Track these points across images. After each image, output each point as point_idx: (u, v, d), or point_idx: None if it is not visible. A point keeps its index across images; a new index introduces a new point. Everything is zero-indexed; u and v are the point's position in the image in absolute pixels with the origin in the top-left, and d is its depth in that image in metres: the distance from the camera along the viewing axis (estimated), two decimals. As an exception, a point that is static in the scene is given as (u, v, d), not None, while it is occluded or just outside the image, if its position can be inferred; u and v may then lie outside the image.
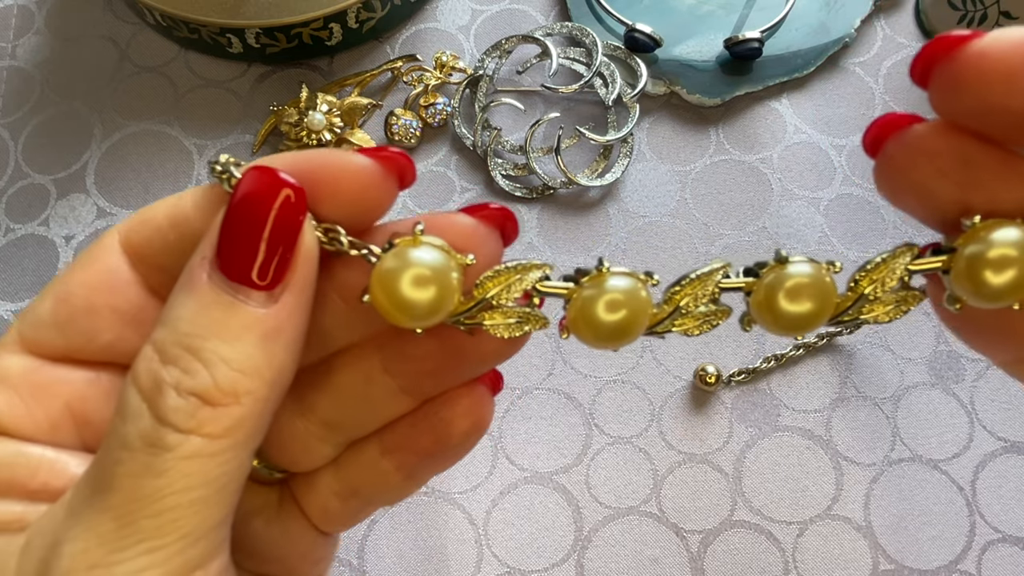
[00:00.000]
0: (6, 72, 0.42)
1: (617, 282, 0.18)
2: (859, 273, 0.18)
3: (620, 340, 0.18)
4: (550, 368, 0.35)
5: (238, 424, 0.16)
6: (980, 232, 0.17)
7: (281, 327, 0.17)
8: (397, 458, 0.20)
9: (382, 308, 0.17)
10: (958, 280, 0.17)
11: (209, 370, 0.16)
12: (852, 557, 0.32)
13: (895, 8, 0.41)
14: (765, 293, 0.18)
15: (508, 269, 0.18)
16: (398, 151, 0.18)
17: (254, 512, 0.21)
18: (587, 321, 0.18)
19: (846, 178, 0.38)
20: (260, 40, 0.39)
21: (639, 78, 0.39)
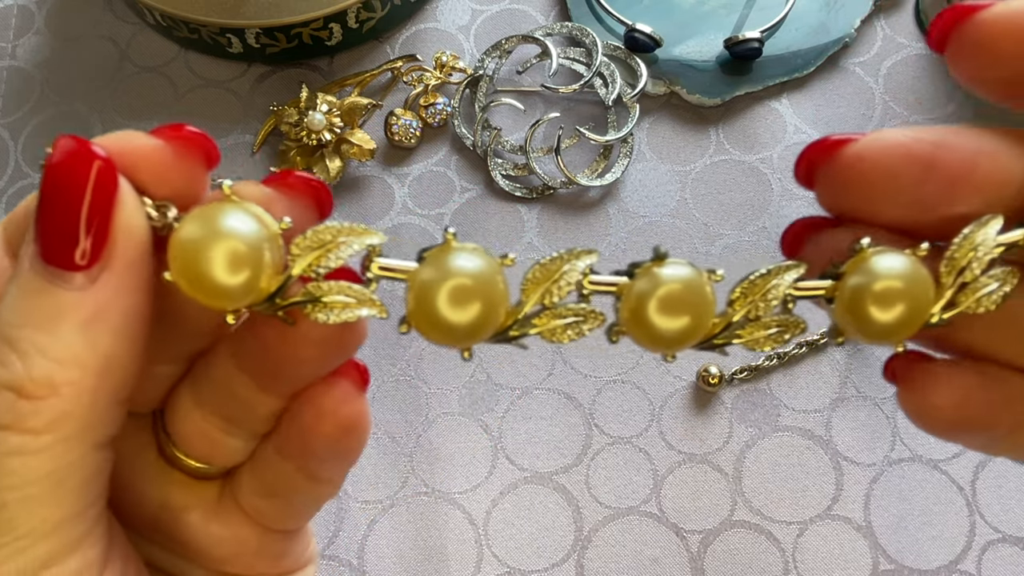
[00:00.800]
0: (6, 72, 0.42)
1: (465, 263, 0.15)
2: (737, 290, 0.16)
3: (471, 340, 0.15)
4: (550, 368, 0.35)
5: (62, 417, 0.15)
6: (866, 260, 0.15)
7: (102, 310, 0.15)
8: (292, 460, 0.19)
9: (181, 287, 0.15)
10: (841, 312, 0.16)
11: (23, 361, 0.15)
12: (852, 557, 0.32)
13: (895, 8, 0.41)
14: (636, 300, 0.15)
15: (334, 230, 0.15)
16: (198, 132, 0.17)
17: (187, 507, 0.20)
18: (428, 316, 0.15)
19: (846, 178, 0.38)
20: (260, 40, 0.39)
21: (639, 78, 0.39)
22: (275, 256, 0.15)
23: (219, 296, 0.15)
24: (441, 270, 0.15)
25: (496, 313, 0.15)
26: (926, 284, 0.15)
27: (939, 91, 0.39)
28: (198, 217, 0.15)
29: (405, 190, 0.38)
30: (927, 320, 0.16)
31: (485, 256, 0.15)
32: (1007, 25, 0.15)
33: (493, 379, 0.35)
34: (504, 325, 0.16)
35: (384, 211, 0.38)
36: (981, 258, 0.15)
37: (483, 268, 0.15)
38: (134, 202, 0.16)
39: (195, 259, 0.15)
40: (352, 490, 0.34)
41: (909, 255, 0.16)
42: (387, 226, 0.38)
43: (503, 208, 0.38)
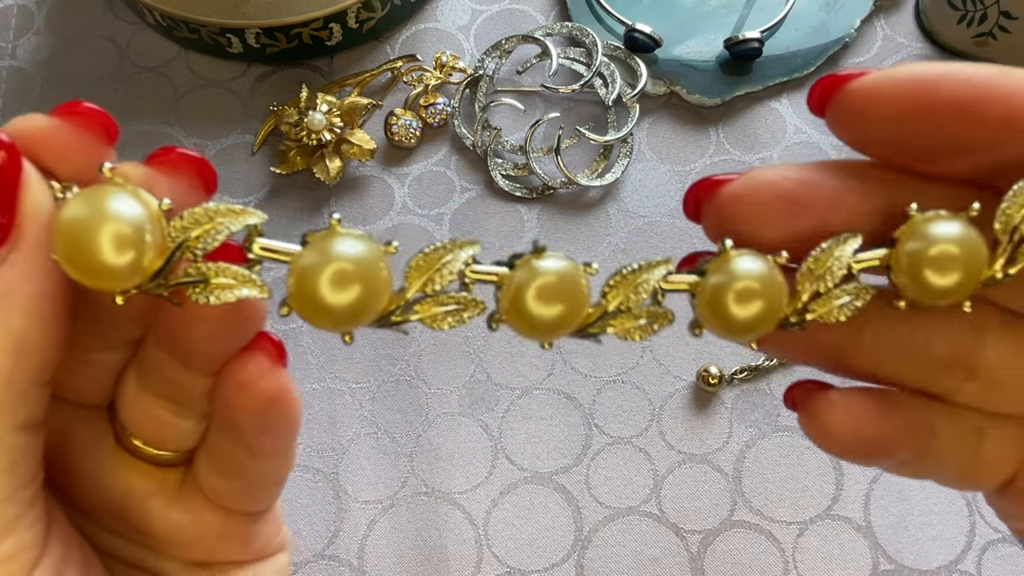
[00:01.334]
0: (6, 72, 0.42)
1: (348, 248, 0.15)
2: (610, 281, 0.17)
3: (351, 323, 0.15)
4: (550, 368, 0.35)
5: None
6: (728, 260, 0.16)
7: (12, 291, 0.15)
8: (228, 436, 0.19)
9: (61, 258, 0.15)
10: (702, 308, 0.17)
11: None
12: (852, 557, 0.32)
13: (895, 8, 0.41)
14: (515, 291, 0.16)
15: (210, 211, 0.15)
16: (94, 108, 0.17)
17: (149, 495, 0.20)
18: (309, 299, 0.15)
19: (846, 178, 0.38)
20: (260, 40, 0.39)
21: (639, 78, 0.39)
22: (157, 237, 0.15)
23: (104, 277, 0.15)
24: (324, 254, 0.15)
25: (377, 298, 0.15)
26: (780, 287, 0.16)
27: (939, 91, 0.39)
28: (80, 199, 0.15)
29: (405, 190, 0.38)
30: (780, 319, 0.17)
31: (368, 242, 0.15)
32: (876, 93, 0.16)
33: (493, 379, 0.35)
34: (386, 310, 0.16)
35: (384, 211, 0.38)
36: (835, 272, 0.17)
37: (365, 254, 0.15)
38: (39, 184, 0.16)
39: (78, 241, 0.15)
40: (352, 490, 0.34)
41: (768, 260, 0.17)
42: (387, 226, 0.38)
43: (503, 208, 0.38)
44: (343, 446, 0.34)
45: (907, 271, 0.16)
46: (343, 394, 0.35)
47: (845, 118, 0.17)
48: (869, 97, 0.17)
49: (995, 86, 0.16)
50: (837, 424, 0.18)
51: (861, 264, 0.17)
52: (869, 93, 0.17)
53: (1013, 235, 0.16)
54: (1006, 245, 0.16)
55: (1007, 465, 0.19)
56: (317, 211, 0.38)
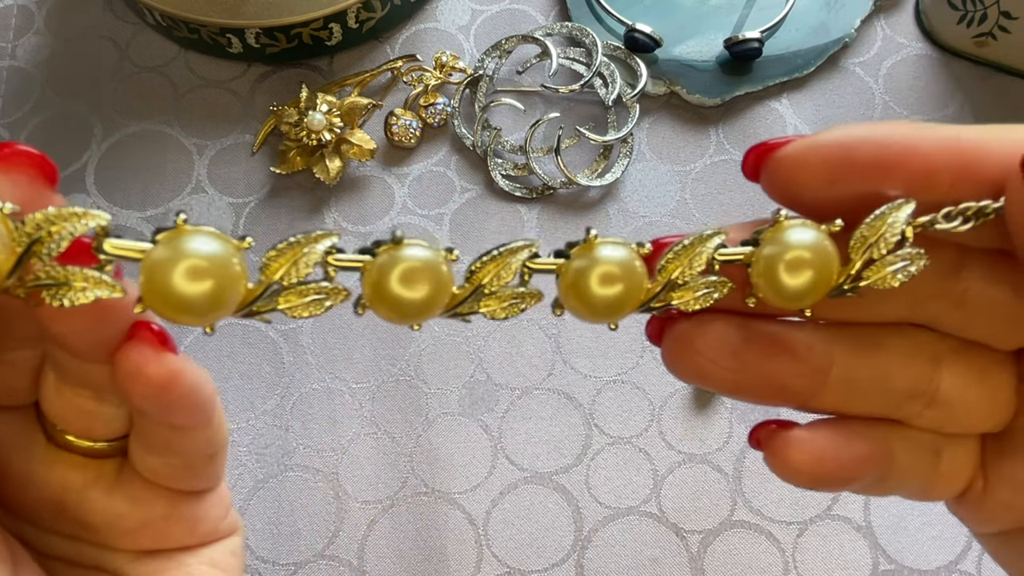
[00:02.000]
0: (6, 72, 0.42)
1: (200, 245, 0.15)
2: (475, 264, 0.17)
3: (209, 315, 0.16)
4: (550, 368, 0.35)
5: None
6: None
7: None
8: (143, 415, 0.19)
9: None
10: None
11: None
12: (852, 557, 0.32)
13: (895, 8, 0.41)
14: (377, 274, 0.17)
15: (52, 215, 0.15)
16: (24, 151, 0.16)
17: (87, 486, 0.20)
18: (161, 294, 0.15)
19: (846, 178, 0.38)
20: (260, 40, 0.39)
21: (639, 78, 0.39)
22: (4, 238, 0.15)
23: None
24: (176, 250, 0.15)
25: (233, 290, 0.15)
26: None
27: (939, 91, 0.39)
28: None
29: (405, 190, 0.38)
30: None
31: (220, 238, 0.15)
32: (801, 161, 0.17)
33: (493, 379, 0.35)
34: (246, 301, 0.16)
35: (384, 211, 0.38)
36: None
37: (218, 249, 0.15)
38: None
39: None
40: (352, 490, 0.34)
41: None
42: (387, 226, 0.38)
43: (503, 208, 0.38)
44: (343, 446, 0.34)
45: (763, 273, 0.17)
46: (343, 394, 0.35)
47: (776, 184, 0.18)
48: (795, 165, 0.17)
49: (909, 144, 0.17)
50: (799, 462, 0.19)
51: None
52: (795, 161, 0.17)
53: (864, 255, 0.17)
54: (856, 263, 0.17)
55: (962, 479, 0.20)
56: (317, 211, 0.38)
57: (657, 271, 0.17)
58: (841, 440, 0.19)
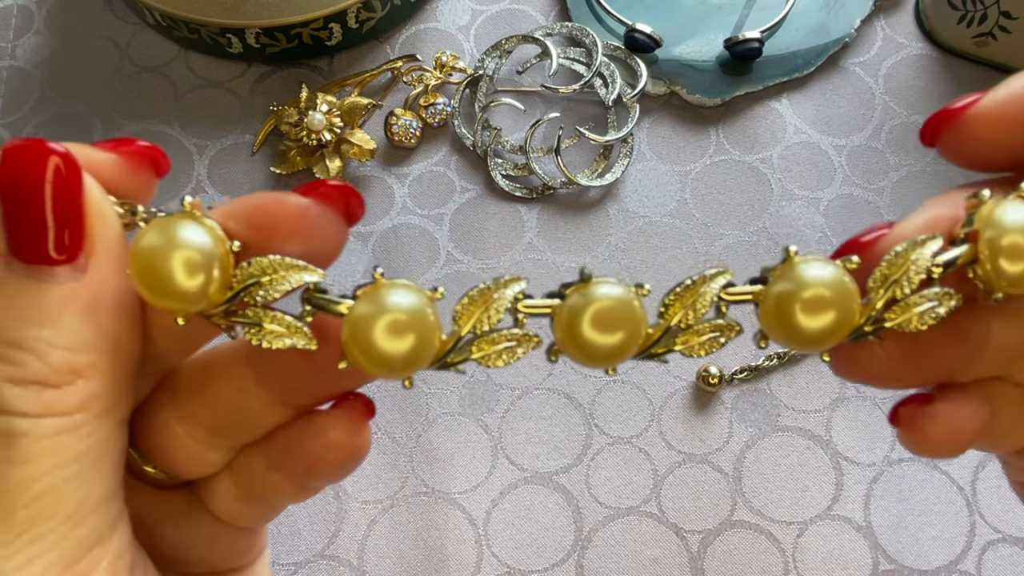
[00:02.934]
0: (6, 72, 0.42)
1: (399, 298, 0.16)
2: (668, 298, 0.16)
3: (408, 370, 0.16)
4: (550, 368, 0.35)
5: (92, 397, 0.16)
6: (793, 267, 0.16)
7: (99, 295, 0.16)
8: (283, 473, 0.19)
9: (138, 285, 0.16)
10: (767, 318, 0.16)
11: (39, 356, 0.16)
12: (852, 557, 0.32)
13: (895, 8, 0.41)
14: (568, 318, 0.16)
15: (276, 263, 0.16)
16: (149, 146, 0.17)
17: (159, 520, 0.20)
18: (364, 349, 0.16)
19: (846, 178, 0.38)
20: (260, 40, 0.39)
21: (639, 78, 0.39)
22: (225, 273, 0.16)
23: (173, 298, 0.16)
24: (376, 305, 0.16)
25: (430, 343, 0.16)
26: (853, 295, 0.16)
27: (939, 91, 0.39)
28: (157, 227, 0.16)
29: (405, 190, 0.38)
30: (854, 329, 0.16)
31: (417, 291, 0.16)
32: (999, 114, 0.17)
33: (493, 379, 0.35)
34: (440, 353, 0.16)
35: (384, 211, 0.38)
36: (912, 277, 0.16)
37: (415, 302, 0.16)
38: (102, 194, 0.16)
39: (154, 263, 0.15)
40: (352, 490, 0.34)
41: (837, 265, 0.16)
42: (387, 226, 0.38)
43: (503, 208, 0.38)
44: (343, 446, 0.34)
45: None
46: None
47: (967, 146, 0.17)
48: (991, 120, 0.17)
49: None
50: (940, 435, 0.19)
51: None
52: (991, 116, 0.17)
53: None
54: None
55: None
56: (317, 211, 0.38)
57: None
58: (972, 407, 0.19)
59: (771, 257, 0.37)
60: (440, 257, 0.37)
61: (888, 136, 0.39)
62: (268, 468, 0.19)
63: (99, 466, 0.16)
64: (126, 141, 0.17)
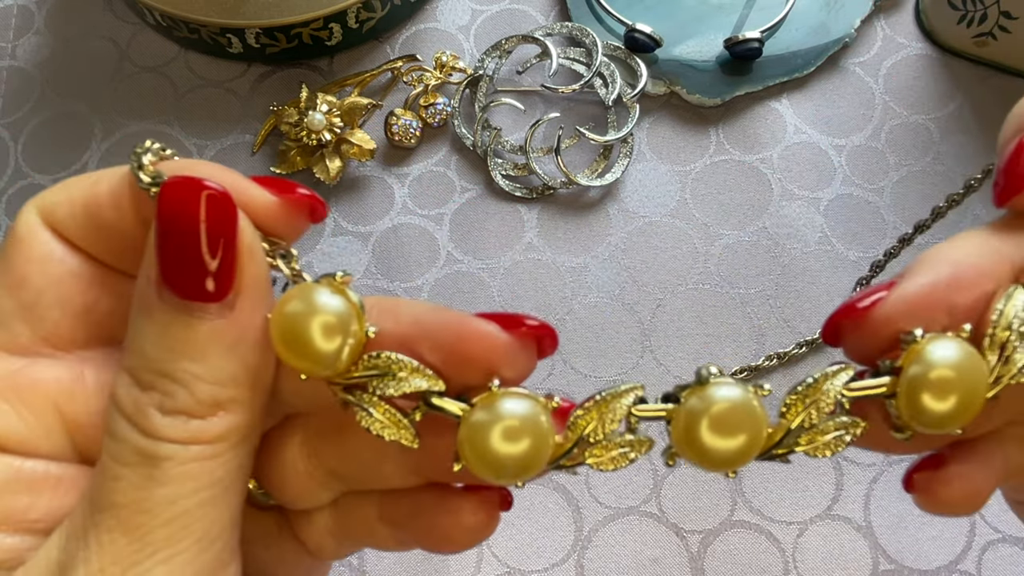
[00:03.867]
0: (6, 72, 0.42)
1: (514, 406, 0.16)
2: (790, 397, 0.16)
3: (523, 474, 0.16)
4: (550, 368, 0.35)
5: (232, 429, 0.17)
6: (920, 350, 0.16)
7: (244, 332, 0.17)
8: (393, 530, 0.20)
9: (283, 357, 0.17)
10: (904, 405, 0.16)
11: (187, 389, 0.16)
12: (852, 557, 0.32)
13: (895, 8, 0.41)
14: (686, 422, 0.16)
15: (404, 364, 0.17)
16: (310, 194, 0.18)
17: (253, 539, 0.20)
18: (478, 453, 0.16)
19: (846, 178, 0.38)
20: (260, 40, 0.39)
21: (639, 78, 0.39)
22: (356, 349, 0.17)
23: (309, 360, 0.17)
24: (492, 412, 0.16)
25: (544, 449, 0.16)
26: (980, 368, 0.16)
27: (939, 91, 0.39)
28: (301, 293, 0.17)
29: (405, 190, 0.38)
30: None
31: (531, 398, 0.16)
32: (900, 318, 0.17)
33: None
34: (555, 456, 0.17)
35: (384, 211, 0.38)
36: (1018, 328, 0.16)
37: (529, 410, 0.16)
38: (252, 230, 0.17)
39: (295, 326, 0.16)
40: (352, 490, 0.34)
41: (960, 340, 0.16)
42: (387, 226, 0.38)
43: (503, 208, 0.38)
44: (343, 446, 0.34)
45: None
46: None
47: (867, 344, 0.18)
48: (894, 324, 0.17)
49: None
50: (958, 497, 0.19)
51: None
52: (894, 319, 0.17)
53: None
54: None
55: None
56: (317, 211, 0.38)
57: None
58: (987, 468, 0.19)
59: (771, 257, 0.37)
60: (440, 257, 0.37)
61: (888, 136, 0.39)
62: (380, 520, 0.20)
63: (230, 493, 0.17)
64: (289, 186, 0.18)
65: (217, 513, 0.17)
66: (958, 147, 0.38)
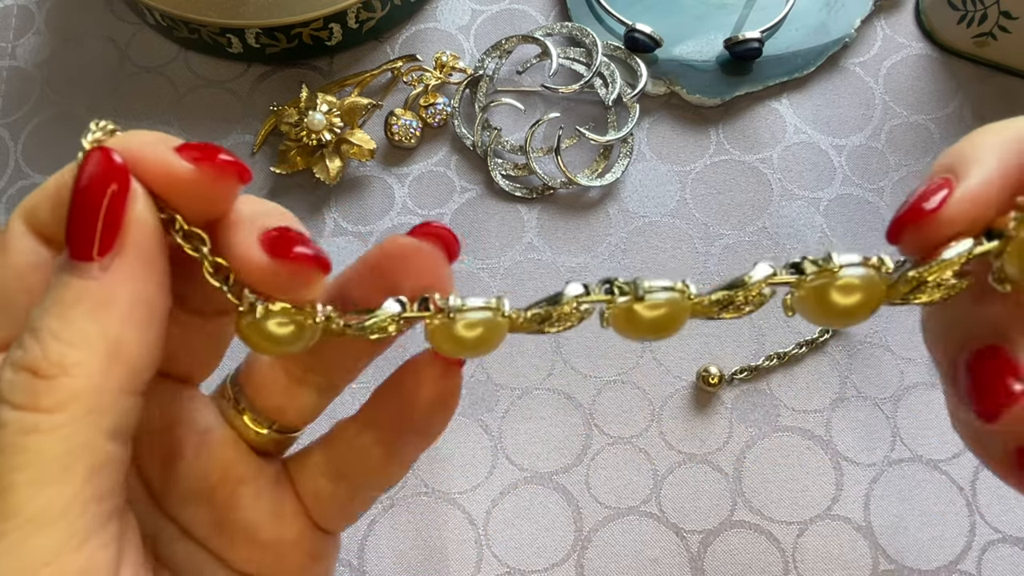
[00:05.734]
0: (6, 72, 0.42)
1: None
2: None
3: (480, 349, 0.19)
4: (550, 368, 0.35)
5: (73, 397, 0.16)
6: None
7: (112, 296, 0.17)
8: (375, 433, 0.21)
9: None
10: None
11: (40, 344, 0.16)
12: (852, 557, 0.32)
13: (895, 8, 0.41)
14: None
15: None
16: (232, 160, 0.18)
17: (245, 480, 0.21)
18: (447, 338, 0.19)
19: (846, 178, 0.38)
20: (260, 40, 0.39)
21: (639, 78, 0.39)
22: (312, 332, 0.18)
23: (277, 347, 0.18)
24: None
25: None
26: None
27: (939, 91, 0.39)
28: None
29: (405, 190, 0.38)
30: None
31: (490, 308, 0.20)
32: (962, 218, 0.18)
33: (493, 379, 0.35)
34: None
35: (384, 211, 0.38)
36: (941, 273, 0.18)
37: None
38: (145, 199, 0.17)
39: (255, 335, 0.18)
40: (352, 490, 0.34)
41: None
42: (387, 226, 0.38)
43: (503, 208, 0.38)
44: (343, 446, 0.34)
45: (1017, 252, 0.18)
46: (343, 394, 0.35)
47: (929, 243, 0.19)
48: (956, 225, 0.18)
49: None
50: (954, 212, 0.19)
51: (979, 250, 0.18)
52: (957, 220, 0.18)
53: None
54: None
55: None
56: (317, 211, 0.38)
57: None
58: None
59: (770, 257, 0.37)
60: (440, 257, 0.37)
61: (888, 136, 0.39)
62: (361, 429, 0.21)
63: (69, 473, 0.16)
64: (209, 151, 0.18)
65: (53, 491, 0.16)
66: (958, 147, 0.38)
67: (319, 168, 0.37)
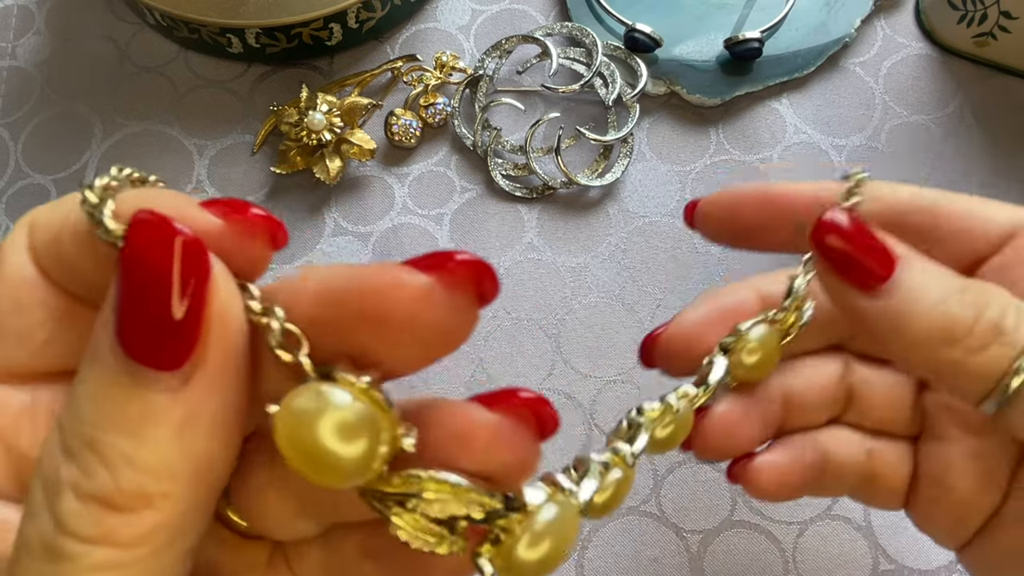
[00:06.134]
0: (6, 72, 0.42)
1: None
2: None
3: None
4: (550, 368, 0.35)
5: (154, 531, 0.14)
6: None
7: (196, 414, 0.14)
8: (378, 566, 0.17)
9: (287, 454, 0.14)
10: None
11: (110, 471, 0.13)
12: (852, 557, 0.32)
13: (895, 8, 0.41)
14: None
15: (459, 490, 0.14)
16: (264, 215, 0.15)
17: (237, 571, 0.18)
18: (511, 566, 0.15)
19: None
20: (260, 40, 0.39)
21: (639, 78, 0.39)
22: (391, 447, 0.14)
23: (330, 469, 0.14)
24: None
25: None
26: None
27: (939, 91, 0.39)
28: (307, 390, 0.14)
29: (405, 190, 0.38)
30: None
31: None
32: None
33: (493, 379, 0.35)
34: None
35: (384, 211, 0.38)
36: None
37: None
38: (229, 287, 0.14)
39: (305, 427, 0.14)
40: (352, 490, 0.34)
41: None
42: (387, 226, 0.38)
43: (503, 208, 0.38)
44: (343, 446, 0.34)
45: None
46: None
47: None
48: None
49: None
50: (768, 482, 0.24)
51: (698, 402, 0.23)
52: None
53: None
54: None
55: (898, 477, 0.24)
56: (317, 211, 0.38)
57: None
58: (794, 455, 0.24)
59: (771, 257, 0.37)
60: (440, 257, 0.37)
61: (888, 136, 0.39)
62: (363, 555, 0.17)
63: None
64: (238, 206, 0.15)
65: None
66: (958, 147, 0.38)
67: (319, 168, 0.37)
